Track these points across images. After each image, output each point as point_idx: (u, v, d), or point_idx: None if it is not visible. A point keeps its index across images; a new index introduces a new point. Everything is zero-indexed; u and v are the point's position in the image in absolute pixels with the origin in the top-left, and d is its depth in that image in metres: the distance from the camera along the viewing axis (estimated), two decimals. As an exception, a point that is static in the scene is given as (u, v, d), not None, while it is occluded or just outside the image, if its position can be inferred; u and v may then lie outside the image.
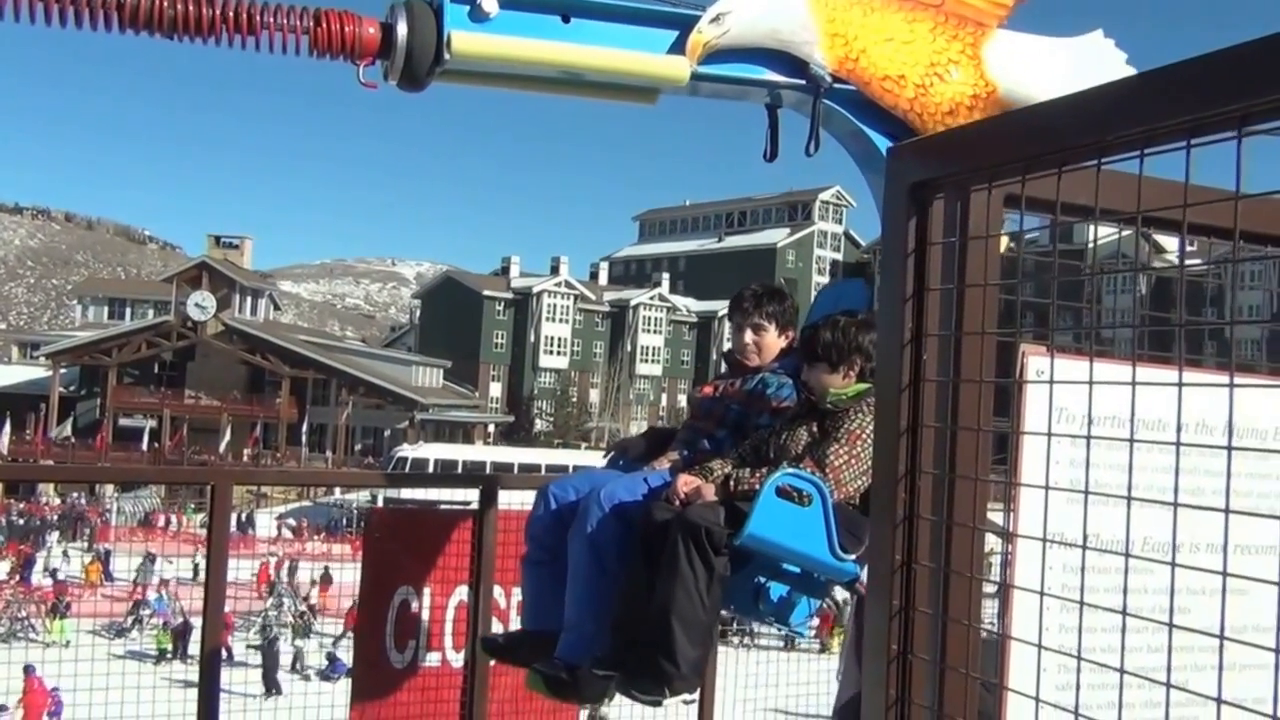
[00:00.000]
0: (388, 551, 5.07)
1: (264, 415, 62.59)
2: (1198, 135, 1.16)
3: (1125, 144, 1.24)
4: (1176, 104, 1.16)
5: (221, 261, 65.90)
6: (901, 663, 1.45)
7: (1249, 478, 1.63)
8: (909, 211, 1.53)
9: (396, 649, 5.01)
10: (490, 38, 3.08)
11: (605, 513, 3.27)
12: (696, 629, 3.04)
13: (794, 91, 3.20)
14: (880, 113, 3.03)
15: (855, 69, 2.86)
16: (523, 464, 47.21)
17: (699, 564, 2.98)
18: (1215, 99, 1.12)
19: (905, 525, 1.47)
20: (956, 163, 1.49)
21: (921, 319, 1.51)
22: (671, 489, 3.17)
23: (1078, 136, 1.29)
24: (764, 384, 3.57)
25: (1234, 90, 1.10)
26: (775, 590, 3.23)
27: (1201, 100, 1.13)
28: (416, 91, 3.17)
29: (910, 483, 1.48)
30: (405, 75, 3.08)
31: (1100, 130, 1.25)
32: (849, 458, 3.08)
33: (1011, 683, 1.50)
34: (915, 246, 1.52)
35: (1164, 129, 1.19)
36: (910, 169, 1.55)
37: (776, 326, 3.65)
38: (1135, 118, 1.22)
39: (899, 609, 1.46)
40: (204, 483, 6.02)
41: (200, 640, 5.03)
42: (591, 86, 3.33)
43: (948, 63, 2.83)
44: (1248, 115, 1.10)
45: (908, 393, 1.49)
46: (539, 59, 3.13)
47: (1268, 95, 1.06)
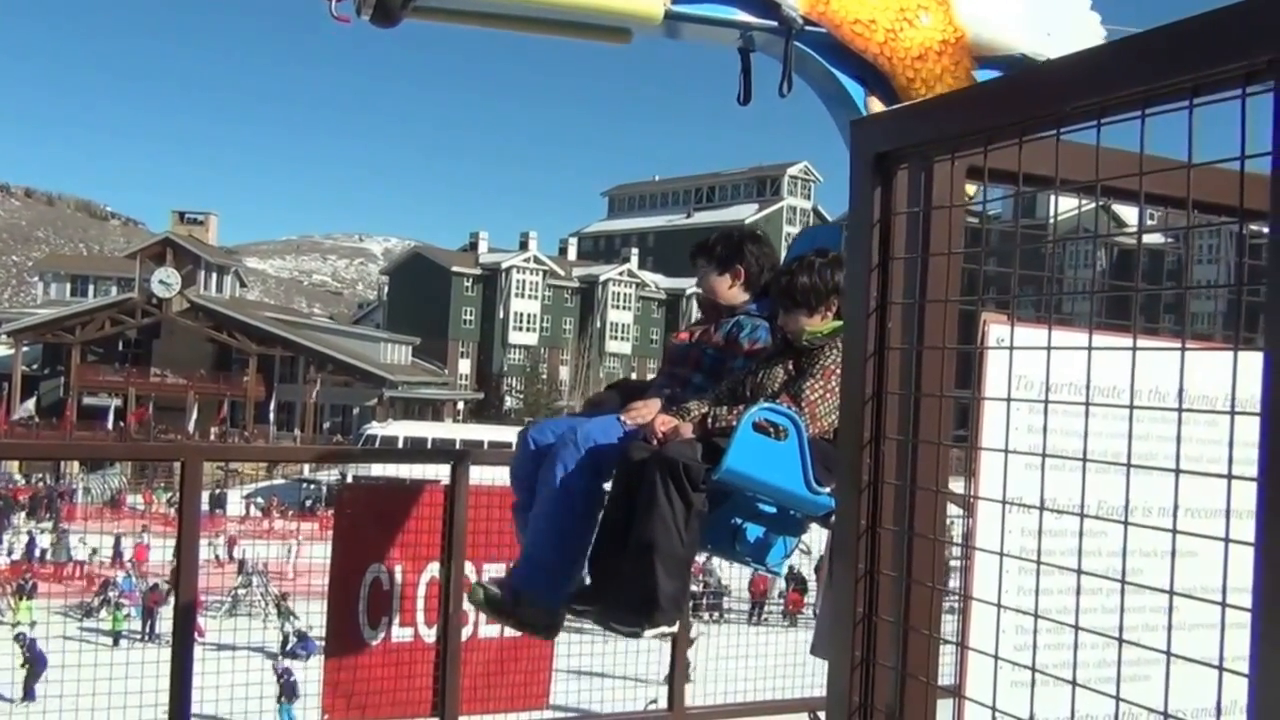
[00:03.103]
0: (359, 528, 5.08)
1: (231, 393, 62.04)
2: (1152, 105, 1.18)
3: (1083, 114, 1.26)
4: (1131, 75, 1.19)
5: (186, 238, 65.00)
6: (867, 625, 1.48)
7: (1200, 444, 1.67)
8: (873, 182, 1.55)
9: (369, 625, 5.03)
10: None
11: (580, 452, 3.31)
12: (675, 562, 3.08)
13: (766, 34, 3.19)
14: (851, 56, 3.04)
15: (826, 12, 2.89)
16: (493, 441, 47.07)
17: (677, 499, 3.03)
18: (1168, 70, 1.15)
19: (870, 490, 1.50)
20: (919, 134, 1.51)
21: (886, 288, 1.53)
22: (649, 429, 3.20)
23: (1037, 107, 1.31)
24: (738, 327, 3.61)
25: (1186, 61, 1.12)
26: (752, 531, 3.28)
27: (1155, 71, 1.15)
28: (389, 26, 3.14)
29: (875, 449, 1.50)
30: (378, 9, 3.05)
31: (1058, 101, 1.27)
32: (824, 392, 3.11)
33: (973, 644, 1.54)
34: (880, 216, 1.54)
35: (1119, 99, 1.21)
36: (874, 140, 1.57)
37: (715, 266, 3.70)
38: (1092, 88, 1.24)
39: (864, 572, 1.49)
40: (174, 458, 5.99)
41: (173, 618, 5.02)
42: (564, 25, 3.30)
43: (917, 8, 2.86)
44: (1200, 86, 1.13)
45: (873, 360, 1.52)
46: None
47: (1219, 66, 1.09)
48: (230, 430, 59.47)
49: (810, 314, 3.23)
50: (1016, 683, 1.47)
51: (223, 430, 58.71)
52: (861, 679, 1.46)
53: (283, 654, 19.11)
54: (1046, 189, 1.47)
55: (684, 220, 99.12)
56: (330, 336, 69.89)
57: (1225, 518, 1.12)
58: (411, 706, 5.03)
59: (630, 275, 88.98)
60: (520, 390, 79.70)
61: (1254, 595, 1.02)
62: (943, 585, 1.53)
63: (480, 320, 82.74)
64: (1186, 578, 1.43)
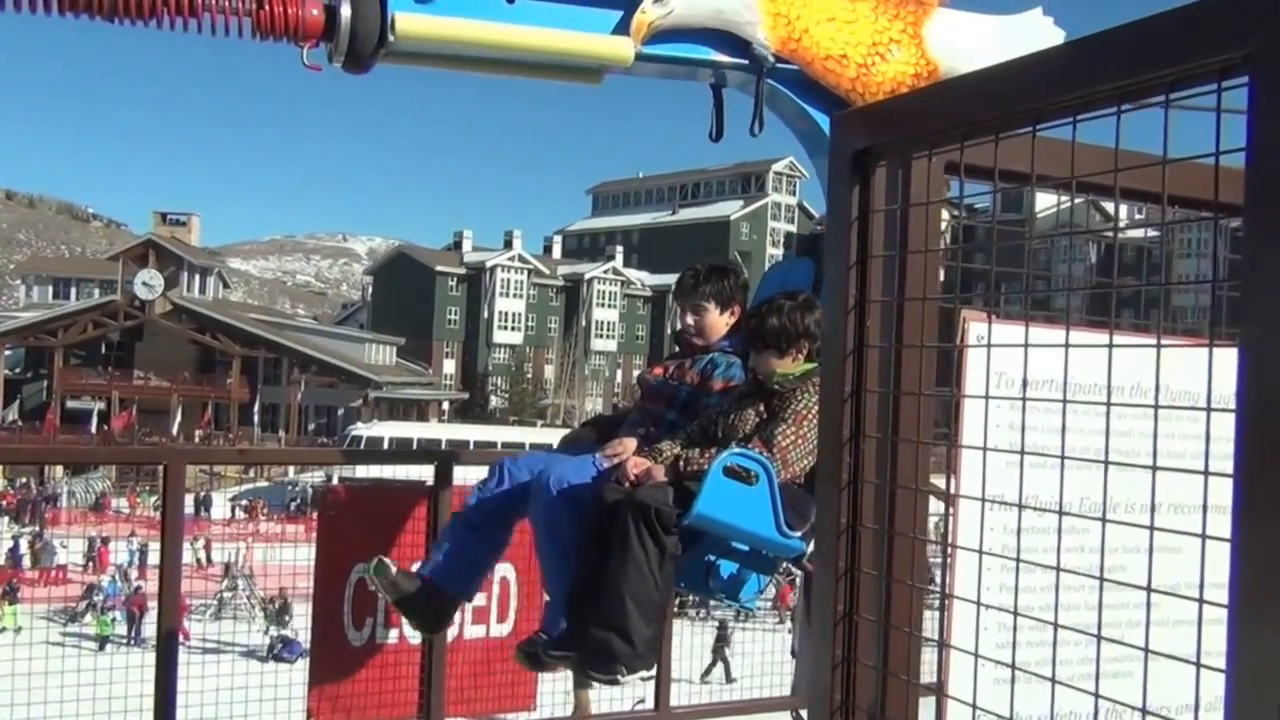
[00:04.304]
0: (343, 529, 5.05)
1: (215, 396, 61.75)
2: (1128, 101, 1.18)
3: (1060, 110, 1.26)
4: (1107, 71, 1.18)
5: (168, 239, 64.63)
6: (847, 623, 1.48)
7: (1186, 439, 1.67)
8: (852, 179, 1.55)
9: (354, 627, 5.00)
10: (434, 19, 3.09)
11: (554, 495, 3.32)
12: (650, 607, 3.09)
13: (738, 72, 3.22)
14: (823, 92, 3.07)
15: (798, 49, 2.91)
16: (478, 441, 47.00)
17: (650, 543, 3.04)
18: (1144, 66, 1.14)
19: (850, 489, 1.50)
20: (897, 131, 1.51)
21: (865, 286, 1.52)
22: (622, 470, 3.21)
23: (1014, 104, 1.30)
24: (713, 364, 3.61)
25: (1161, 57, 1.12)
26: (725, 568, 3.29)
27: (1131, 67, 1.15)
28: (360, 73, 3.18)
29: (854, 447, 1.50)
30: (350, 57, 3.09)
31: (1035, 97, 1.27)
32: (795, 437, 3.13)
33: (955, 642, 1.53)
34: (858, 214, 1.54)
35: (1096, 95, 1.21)
36: (852, 137, 1.56)
37: (717, 305, 3.68)
38: (1068, 85, 1.24)
39: (845, 570, 1.48)
40: (157, 462, 5.95)
41: (157, 623, 4.99)
42: (536, 67, 3.35)
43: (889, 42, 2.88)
44: (1175, 81, 1.13)
45: (852, 359, 1.51)
46: (483, 40, 3.14)
47: (1194, 61, 1.09)
48: (215, 433, 59.18)
49: (780, 356, 3.25)
50: (999, 680, 1.47)
51: (207, 433, 58.43)
52: (843, 678, 1.46)
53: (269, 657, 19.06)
54: (1024, 185, 1.46)
55: (669, 217, 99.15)
56: (314, 337, 69.67)
57: (1203, 513, 1.12)
58: (397, 708, 5.02)
59: (615, 273, 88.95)
60: (505, 390, 79.57)
61: (1230, 591, 1.02)
62: (924, 583, 1.52)
63: (465, 320, 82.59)
64: (1173, 574, 1.43)
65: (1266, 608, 0.98)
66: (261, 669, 13.58)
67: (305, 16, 3.01)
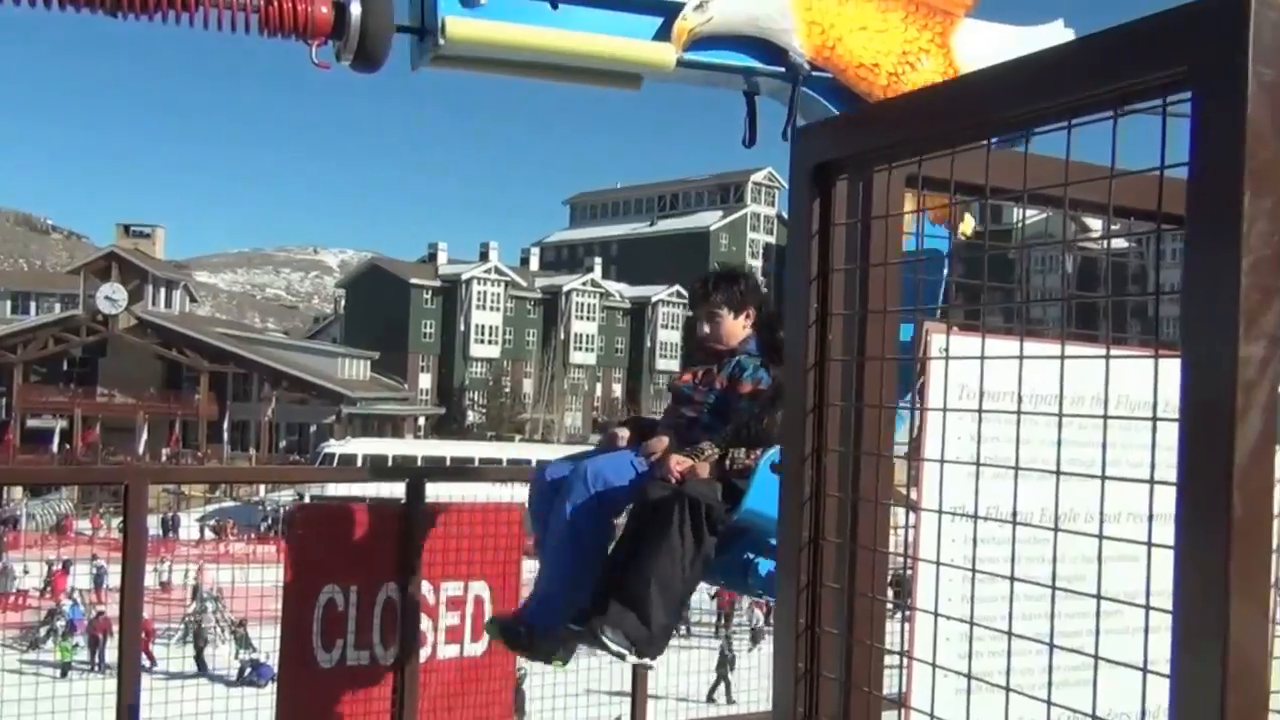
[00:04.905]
0: (312, 549, 5.01)
1: (182, 413, 61.11)
2: (1079, 115, 1.20)
3: (1014, 124, 1.28)
4: (1057, 86, 1.20)
5: (132, 251, 63.89)
6: (810, 636, 1.48)
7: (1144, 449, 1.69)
8: (813, 193, 1.56)
9: (324, 648, 4.95)
10: (483, 23, 3.14)
11: (589, 491, 3.37)
12: (671, 596, 3.14)
13: (772, 79, 3.27)
14: (856, 100, 3.10)
15: (832, 57, 2.97)
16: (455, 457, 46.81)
17: (690, 538, 3.10)
18: (1093, 81, 1.16)
19: (812, 502, 1.50)
20: (857, 144, 1.52)
21: (826, 299, 1.54)
22: (664, 469, 3.26)
23: (968, 118, 1.32)
24: (740, 367, 3.67)
25: (1110, 72, 1.14)
26: (763, 566, 3.37)
27: (1080, 82, 1.17)
28: (370, 72, 3.17)
29: (817, 460, 1.51)
30: (360, 55, 3.08)
31: (988, 111, 1.29)
32: None
33: (918, 653, 1.54)
34: (819, 227, 1.55)
35: (1048, 109, 1.23)
36: (813, 151, 1.57)
37: (730, 310, 3.73)
38: (1020, 99, 1.25)
39: (807, 584, 1.49)
40: (117, 482, 5.87)
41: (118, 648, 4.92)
42: (578, 72, 3.40)
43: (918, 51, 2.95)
44: (1123, 96, 1.15)
45: (814, 372, 1.52)
46: (531, 44, 3.19)
47: (1140, 76, 1.10)
48: (183, 451, 58.57)
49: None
50: (960, 690, 1.48)
51: (175, 451, 57.80)
52: (806, 691, 1.46)
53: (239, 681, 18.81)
54: (979, 199, 1.48)
55: (648, 228, 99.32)
56: (285, 352, 69.10)
57: (1148, 522, 1.13)
58: (369, 730, 4.97)
59: (594, 285, 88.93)
60: (483, 404, 79.26)
61: (1174, 598, 1.03)
62: (885, 596, 1.53)
63: (440, 333, 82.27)
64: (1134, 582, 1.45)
65: (1205, 614, 0.99)
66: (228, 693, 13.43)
67: (314, 13, 2.99)
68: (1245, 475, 0.99)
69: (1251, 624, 0.99)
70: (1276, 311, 1.02)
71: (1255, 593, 0.99)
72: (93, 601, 25.23)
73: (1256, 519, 1.00)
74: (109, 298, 60.44)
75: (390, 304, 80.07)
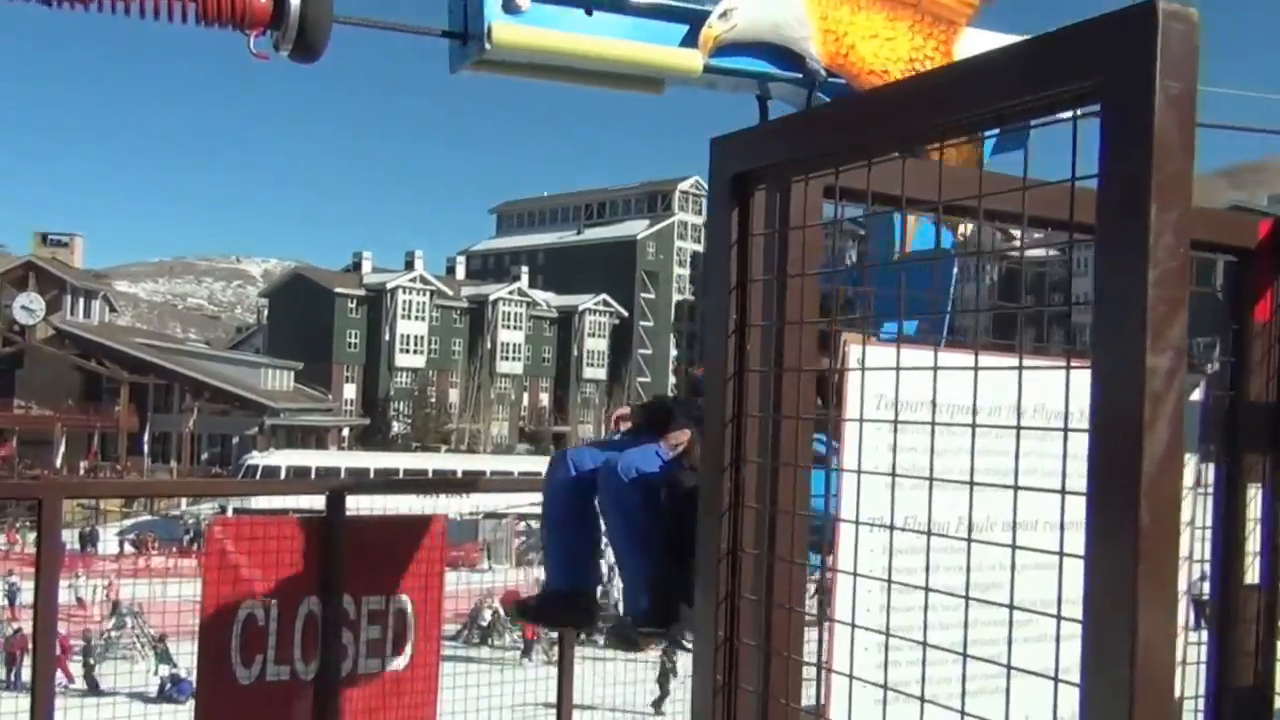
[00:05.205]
0: (231, 563, 4.89)
1: (102, 425, 59.50)
2: (993, 126, 1.20)
3: (928, 136, 1.28)
4: (972, 98, 1.21)
5: (49, 260, 62.17)
6: (728, 648, 1.47)
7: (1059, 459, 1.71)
8: (731, 203, 1.55)
9: (243, 664, 4.83)
10: (527, 29, 3.30)
11: (626, 482, 3.44)
12: None
13: (788, 84, 3.41)
14: None
15: (845, 63, 3.13)
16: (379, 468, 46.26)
17: None
18: (1007, 92, 1.17)
19: (731, 514, 1.49)
20: (775, 155, 1.51)
21: (745, 309, 1.53)
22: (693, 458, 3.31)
23: (883, 129, 1.32)
24: None
25: (1023, 84, 1.15)
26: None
27: (994, 94, 1.18)
28: (309, 63, 3.17)
29: (735, 471, 1.50)
30: (299, 46, 3.08)
31: (904, 123, 1.29)
32: None
33: (836, 664, 1.54)
34: (738, 237, 1.54)
35: (962, 120, 1.23)
36: (731, 161, 1.57)
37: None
38: (936, 111, 1.26)
39: (725, 596, 1.47)
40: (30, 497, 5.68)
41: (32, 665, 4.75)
42: (608, 76, 3.57)
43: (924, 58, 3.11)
44: (1035, 108, 1.15)
45: (733, 383, 1.51)
46: (569, 50, 3.38)
47: (1052, 89, 1.11)
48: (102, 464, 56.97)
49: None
50: (879, 701, 1.48)
51: (94, 464, 56.21)
52: (724, 703, 1.45)
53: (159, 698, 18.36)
54: (897, 209, 1.48)
55: (575, 237, 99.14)
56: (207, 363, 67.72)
57: (1060, 532, 1.14)
58: (289, 748, 4.85)
59: (521, 294, 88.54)
60: (408, 415, 78.36)
61: (1083, 607, 1.04)
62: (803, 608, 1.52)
63: (365, 343, 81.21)
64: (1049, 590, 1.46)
65: (1114, 623, 1.00)
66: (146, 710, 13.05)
67: (252, 2, 2.97)
68: (1153, 485, 1.00)
69: (1159, 632, 1.00)
70: (1183, 323, 1.03)
71: (1162, 601, 1.00)
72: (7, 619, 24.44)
73: (1163, 529, 1.01)
74: (26, 307, 58.66)
75: (314, 313, 78.90)
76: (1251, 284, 2.13)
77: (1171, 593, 1.01)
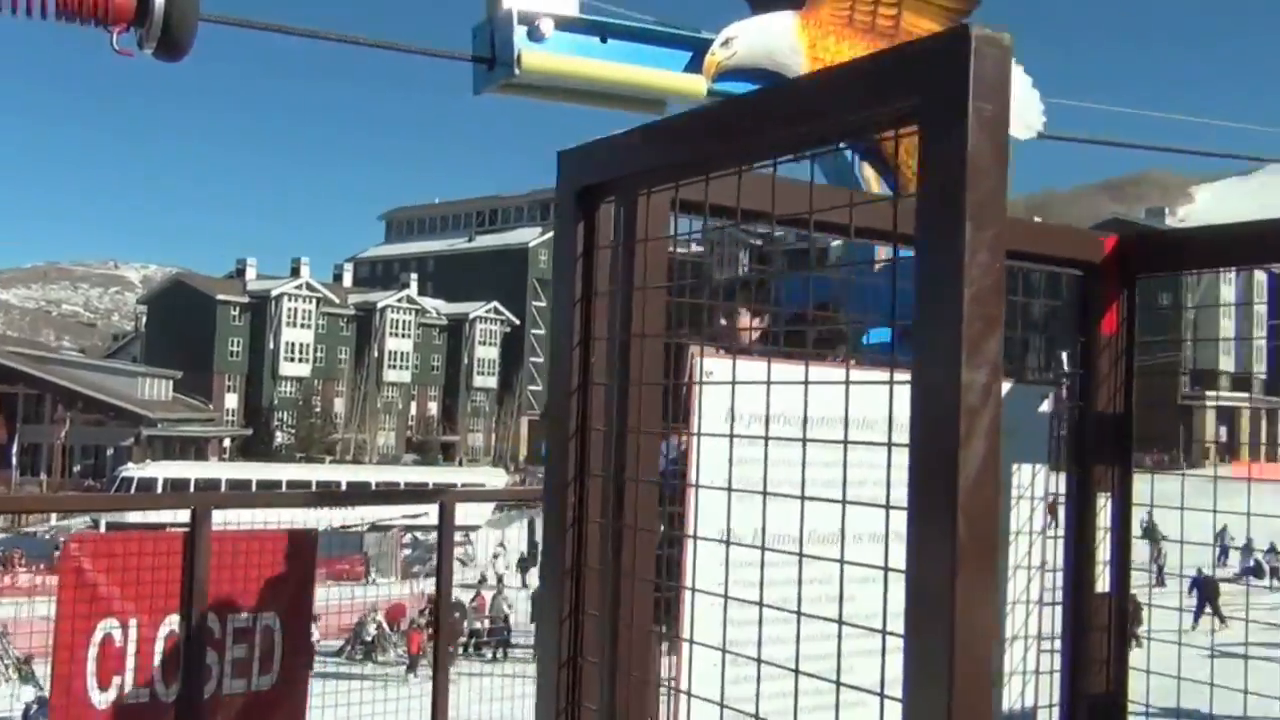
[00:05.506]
0: (88, 580, 4.68)
1: (-37, 436, 56.70)
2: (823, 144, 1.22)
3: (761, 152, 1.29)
4: (802, 116, 1.22)
5: (-92, 266, 59.10)
6: (572, 667, 1.45)
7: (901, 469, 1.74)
8: (577, 215, 1.54)
9: (99, 687, 4.63)
10: (552, 55, 3.61)
11: None
12: None
13: None
14: None
15: None
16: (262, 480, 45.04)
17: None
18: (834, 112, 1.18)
19: (575, 529, 1.48)
20: (620, 167, 1.51)
21: (589, 322, 1.51)
22: None
23: (720, 144, 1.32)
24: None
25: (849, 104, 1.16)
26: None
27: (822, 113, 1.19)
28: (174, 61, 3.14)
29: (579, 485, 1.48)
30: (164, 44, 3.05)
31: (738, 139, 1.29)
32: None
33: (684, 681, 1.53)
34: (583, 250, 1.53)
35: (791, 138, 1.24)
36: (578, 173, 1.55)
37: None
38: (767, 128, 1.26)
39: (569, 613, 1.45)
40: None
41: None
42: (617, 98, 3.91)
43: None
44: (861, 128, 1.17)
45: (577, 396, 1.50)
46: (589, 75, 3.72)
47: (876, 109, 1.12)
48: (-37, 477, 54.21)
49: None
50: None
51: (-46, 477, 53.44)
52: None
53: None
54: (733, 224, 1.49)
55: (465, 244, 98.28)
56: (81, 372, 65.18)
57: (884, 545, 1.15)
58: (149, 774, 4.66)
59: (409, 301, 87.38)
60: (292, 425, 76.48)
61: (904, 622, 1.05)
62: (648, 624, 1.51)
63: (248, 352, 79.14)
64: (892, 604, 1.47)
65: (933, 638, 1.01)
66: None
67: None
68: (969, 499, 1.01)
69: (977, 645, 1.01)
70: (999, 339, 1.05)
71: (979, 618, 1.01)
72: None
73: (980, 543, 1.02)
74: (-123, 312, 55.54)
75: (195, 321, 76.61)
76: (1098, 297, 2.20)
77: (990, 608, 1.02)
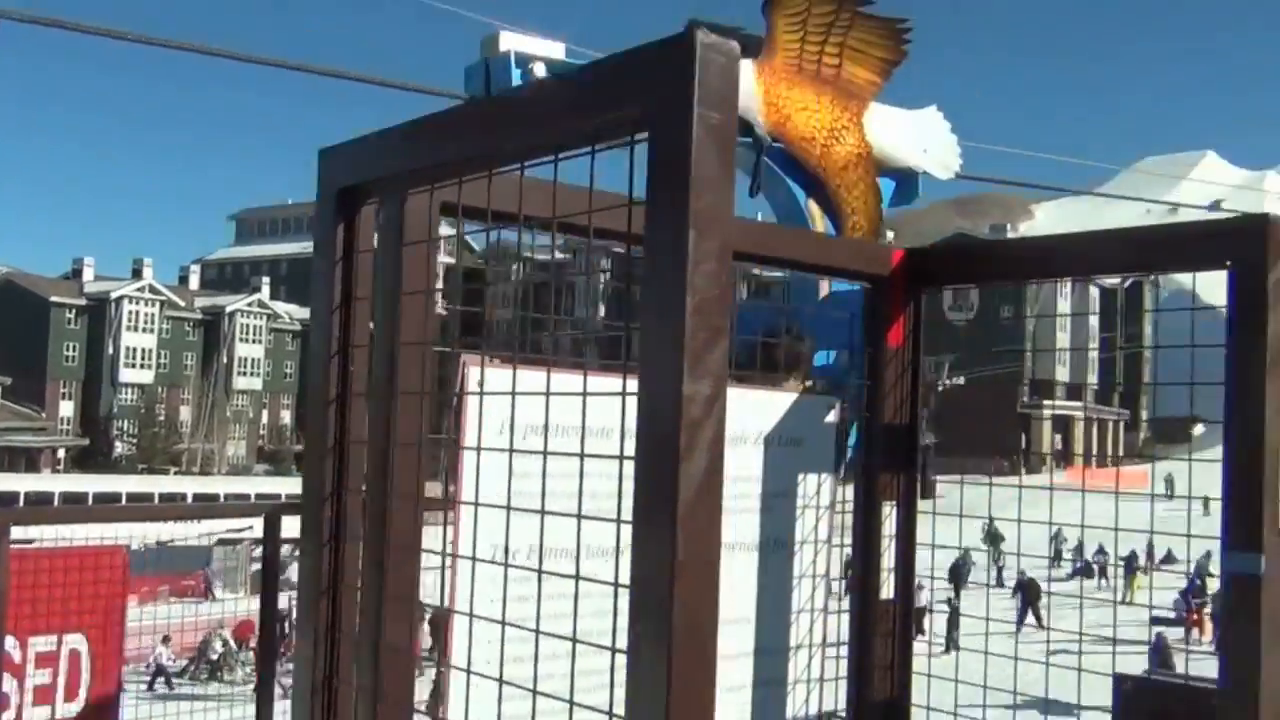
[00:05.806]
0: None
1: None
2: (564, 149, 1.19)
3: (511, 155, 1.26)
4: (545, 120, 1.19)
5: None
6: (327, 689, 1.38)
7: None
8: (337, 217, 1.48)
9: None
10: None
11: None
12: None
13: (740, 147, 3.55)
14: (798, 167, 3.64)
15: (784, 130, 3.57)
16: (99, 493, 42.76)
17: None
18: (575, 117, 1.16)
19: (331, 545, 1.41)
20: (380, 168, 1.45)
21: (349, 328, 1.45)
22: None
23: (471, 148, 1.29)
24: None
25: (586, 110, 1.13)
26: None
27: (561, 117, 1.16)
28: None
29: (337, 501, 1.42)
30: None
31: (483, 144, 1.26)
32: None
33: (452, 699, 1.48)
34: (343, 254, 1.47)
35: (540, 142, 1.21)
36: (338, 173, 1.49)
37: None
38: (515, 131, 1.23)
39: (325, 633, 1.39)
40: None
41: None
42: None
43: (841, 128, 3.62)
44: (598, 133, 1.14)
45: (334, 407, 1.43)
46: None
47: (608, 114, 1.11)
48: None
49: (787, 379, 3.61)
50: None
51: None
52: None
53: None
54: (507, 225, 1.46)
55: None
56: (-106, 378, 60.55)
57: (615, 559, 1.13)
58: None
59: (261, 305, 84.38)
60: (133, 434, 72.86)
61: (628, 639, 1.03)
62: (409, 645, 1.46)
63: (85, 357, 75.07)
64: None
65: (652, 654, 0.99)
66: None
67: None
68: (689, 513, 1.00)
69: (694, 665, 0.99)
70: (724, 351, 1.04)
71: (698, 630, 1.00)
72: None
73: (700, 558, 1.00)
74: None
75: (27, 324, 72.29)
76: (885, 310, 2.25)
77: (709, 620, 1.01)
